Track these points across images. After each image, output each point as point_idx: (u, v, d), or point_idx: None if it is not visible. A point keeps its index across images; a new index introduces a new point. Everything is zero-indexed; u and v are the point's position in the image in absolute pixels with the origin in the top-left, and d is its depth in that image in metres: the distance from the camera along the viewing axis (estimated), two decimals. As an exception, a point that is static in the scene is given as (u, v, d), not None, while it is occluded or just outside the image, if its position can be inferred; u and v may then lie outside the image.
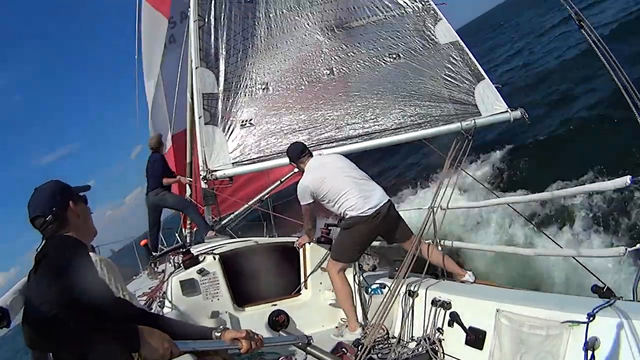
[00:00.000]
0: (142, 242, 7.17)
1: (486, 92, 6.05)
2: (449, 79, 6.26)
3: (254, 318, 4.37)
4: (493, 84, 6.07)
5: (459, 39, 6.36)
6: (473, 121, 5.84)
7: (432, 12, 6.53)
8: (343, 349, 3.54)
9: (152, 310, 3.59)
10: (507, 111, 5.84)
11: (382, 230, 4.09)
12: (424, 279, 3.72)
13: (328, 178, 4.13)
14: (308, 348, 2.64)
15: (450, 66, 6.29)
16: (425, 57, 6.42)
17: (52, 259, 1.82)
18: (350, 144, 6.44)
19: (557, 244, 3.77)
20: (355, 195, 3.98)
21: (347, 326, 4.10)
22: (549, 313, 2.44)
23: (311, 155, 4.55)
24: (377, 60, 6.61)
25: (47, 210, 1.99)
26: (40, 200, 2.04)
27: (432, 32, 6.46)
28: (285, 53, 6.89)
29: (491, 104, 5.97)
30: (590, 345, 2.03)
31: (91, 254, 3.00)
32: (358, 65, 6.67)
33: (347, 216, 4.00)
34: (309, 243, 4.64)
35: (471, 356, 2.92)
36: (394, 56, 6.54)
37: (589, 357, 2.01)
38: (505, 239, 4.74)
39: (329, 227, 4.81)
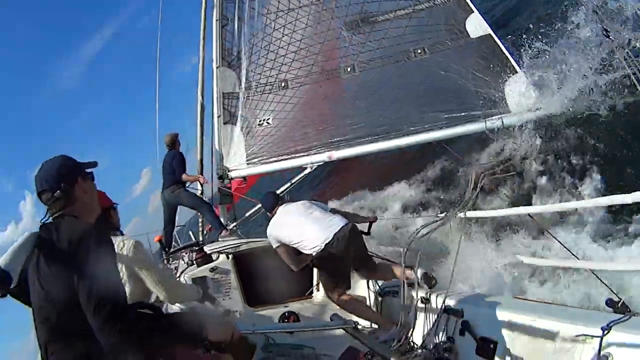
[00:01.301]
0: (156, 238, 7.22)
1: (518, 87, 5.70)
2: (477, 74, 5.97)
3: (265, 318, 4.38)
4: (527, 78, 5.70)
5: (491, 31, 6.08)
6: (500, 119, 5.59)
7: (464, 3, 6.27)
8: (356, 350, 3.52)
9: (164, 307, 3.59)
10: (539, 108, 5.50)
11: (351, 250, 4.03)
12: (438, 287, 3.69)
13: (286, 225, 4.22)
14: (354, 332, 2.80)
15: (480, 61, 6.00)
16: (452, 52, 6.21)
17: (66, 249, 1.79)
18: (368, 143, 6.34)
19: (573, 254, 3.69)
20: (313, 232, 4.01)
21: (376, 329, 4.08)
22: (562, 326, 2.39)
23: (282, 204, 4.52)
24: (401, 56, 6.44)
25: (55, 185, 1.95)
26: (48, 175, 1.99)
27: (463, 25, 6.20)
28: (306, 49, 6.84)
29: (523, 100, 5.62)
30: (603, 361, 2.00)
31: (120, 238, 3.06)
32: (381, 62, 6.51)
33: (313, 254, 4.01)
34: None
35: (481, 366, 2.89)
36: (420, 51, 6.36)
37: (601, 372, 1.97)
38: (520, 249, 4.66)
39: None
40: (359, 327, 2.71)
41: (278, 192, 7.54)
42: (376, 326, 4.07)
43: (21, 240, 1.91)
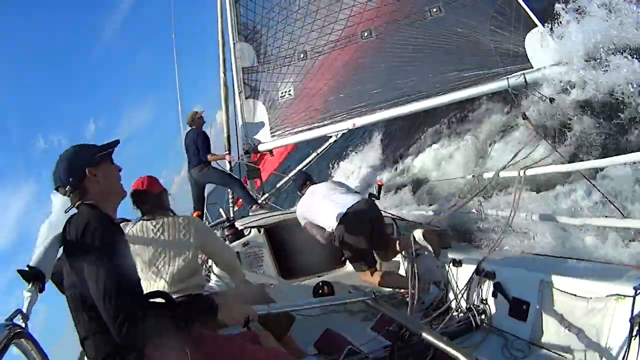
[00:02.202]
0: (195, 214, 7.34)
1: (539, 41, 5.46)
2: (496, 29, 5.75)
3: (299, 290, 4.45)
4: (550, 32, 5.45)
5: None
6: (522, 76, 5.41)
7: None
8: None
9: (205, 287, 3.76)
10: (561, 63, 5.24)
11: (368, 225, 4.08)
12: (468, 249, 3.71)
13: (310, 206, 4.41)
14: (374, 303, 2.84)
15: (497, 15, 5.75)
16: (468, 9, 5.99)
17: (79, 241, 1.78)
18: (390, 108, 6.27)
19: (621, 212, 3.58)
20: (330, 211, 4.14)
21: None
22: (594, 285, 2.39)
23: (310, 184, 4.66)
24: (417, 17, 6.29)
25: (65, 180, 1.97)
26: (60, 170, 2.00)
27: None
28: (322, 19, 6.74)
29: (545, 55, 5.41)
30: (636, 320, 1.99)
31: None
32: (397, 25, 6.39)
33: (332, 231, 4.11)
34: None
35: (514, 327, 2.90)
36: (435, 10, 6.19)
37: (634, 332, 1.97)
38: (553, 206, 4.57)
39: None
40: (379, 298, 2.71)
41: (305, 161, 7.61)
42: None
43: (51, 238, 1.98)
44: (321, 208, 4.27)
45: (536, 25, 5.53)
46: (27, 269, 1.78)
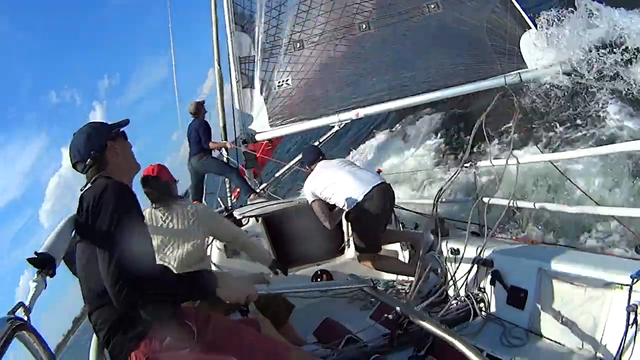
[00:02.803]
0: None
1: (533, 42, 5.75)
2: (493, 28, 5.94)
3: (298, 278, 4.48)
4: (543, 34, 5.77)
5: None
6: (518, 75, 5.62)
7: None
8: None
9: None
10: (554, 64, 5.55)
11: (386, 209, 4.09)
12: (467, 237, 3.71)
13: (324, 178, 4.26)
14: (372, 291, 2.67)
15: (494, 15, 5.96)
16: (466, 6, 6.13)
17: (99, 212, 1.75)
18: (387, 101, 6.36)
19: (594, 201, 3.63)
20: (351, 186, 4.06)
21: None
22: (592, 273, 2.40)
23: (324, 159, 4.58)
24: (415, 11, 6.37)
25: (86, 154, 1.98)
26: (78, 145, 2.01)
27: None
28: (318, 8, 6.77)
29: (538, 56, 5.67)
30: (633, 309, 2.01)
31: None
32: (395, 19, 6.45)
33: (349, 208, 4.05)
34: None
35: (512, 315, 2.92)
36: (433, 6, 6.28)
37: (631, 320, 1.99)
38: (551, 195, 4.61)
39: None
40: (378, 286, 2.66)
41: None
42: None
43: (63, 221, 2.00)
44: (341, 183, 4.13)
45: (530, 27, 5.80)
46: (35, 256, 1.77)
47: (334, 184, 4.15)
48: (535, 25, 5.83)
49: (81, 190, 1.94)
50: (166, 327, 1.79)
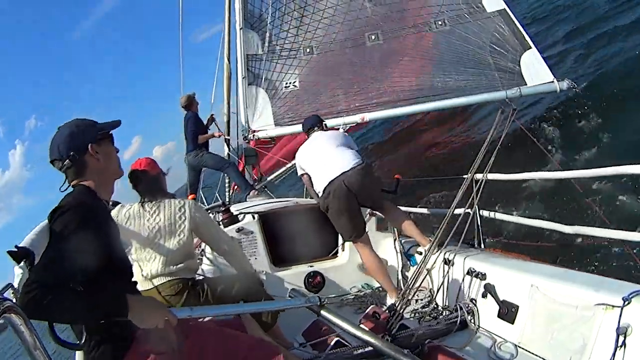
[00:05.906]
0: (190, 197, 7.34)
1: (532, 61, 6.12)
2: (495, 47, 6.33)
3: (290, 279, 4.46)
4: (541, 53, 6.20)
5: (506, 7, 6.40)
6: (518, 90, 5.90)
7: None
8: (376, 314, 3.60)
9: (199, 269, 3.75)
10: (553, 81, 5.93)
11: (355, 191, 3.92)
12: (461, 248, 3.70)
13: (310, 152, 4.23)
14: (322, 311, 2.42)
15: (496, 34, 6.35)
16: (471, 25, 6.51)
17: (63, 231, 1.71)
18: (392, 108, 6.53)
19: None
20: (326, 168, 3.98)
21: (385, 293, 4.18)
22: (584, 293, 2.40)
23: (320, 129, 4.49)
24: (422, 27, 6.70)
25: (65, 153, 1.89)
26: (59, 142, 1.91)
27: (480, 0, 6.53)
28: (330, 17, 6.98)
29: (537, 74, 6.03)
30: (623, 331, 2.01)
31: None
32: (403, 32, 6.77)
33: (322, 191, 3.99)
34: None
35: (503, 329, 2.92)
36: (440, 23, 6.62)
37: (620, 342, 1.99)
38: (548, 213, 4.62)
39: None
40: (325, 304, 2.41)
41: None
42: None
43: (44, 222, 1.92)
44: (319, 163, 4.07)
45: (530, 47, 6.18)
46: (15, 249, 1.73)
47: (314, 162, 4.12)
48: (536, 46, 6.23)
49: (60, 189, 1.90)
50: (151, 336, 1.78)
